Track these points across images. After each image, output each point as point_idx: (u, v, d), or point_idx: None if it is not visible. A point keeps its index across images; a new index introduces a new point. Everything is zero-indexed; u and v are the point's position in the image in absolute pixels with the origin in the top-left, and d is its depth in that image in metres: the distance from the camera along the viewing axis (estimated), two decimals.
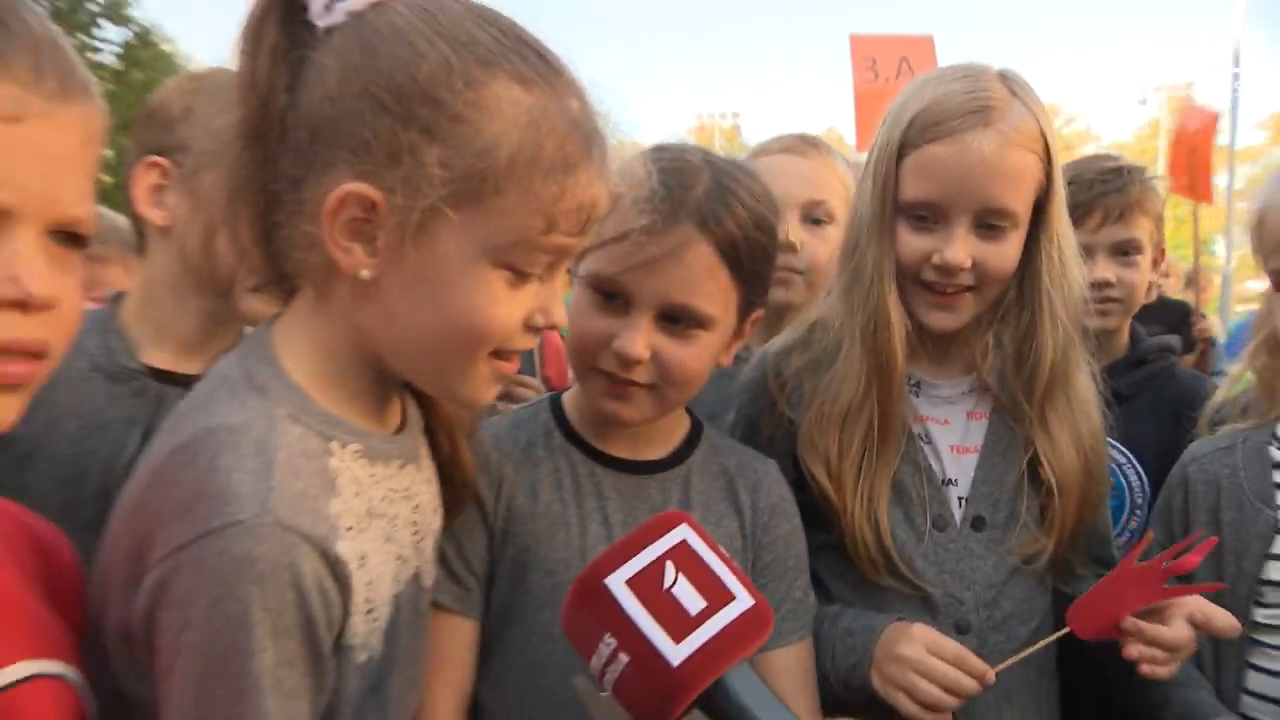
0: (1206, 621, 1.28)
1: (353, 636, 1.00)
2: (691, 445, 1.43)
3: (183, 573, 0.88)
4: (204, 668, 0.88)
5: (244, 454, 0.91)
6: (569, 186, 0.97)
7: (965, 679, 1.28)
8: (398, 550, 1.08)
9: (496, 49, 0.97)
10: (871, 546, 1.44)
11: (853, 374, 1.47)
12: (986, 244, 1.42)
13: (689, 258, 1.25)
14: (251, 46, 1.01)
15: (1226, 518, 1.46)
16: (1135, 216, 2.13)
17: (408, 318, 1.00)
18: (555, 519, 1.32)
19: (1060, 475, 1.47)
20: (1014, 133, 1.39)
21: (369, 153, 0.95)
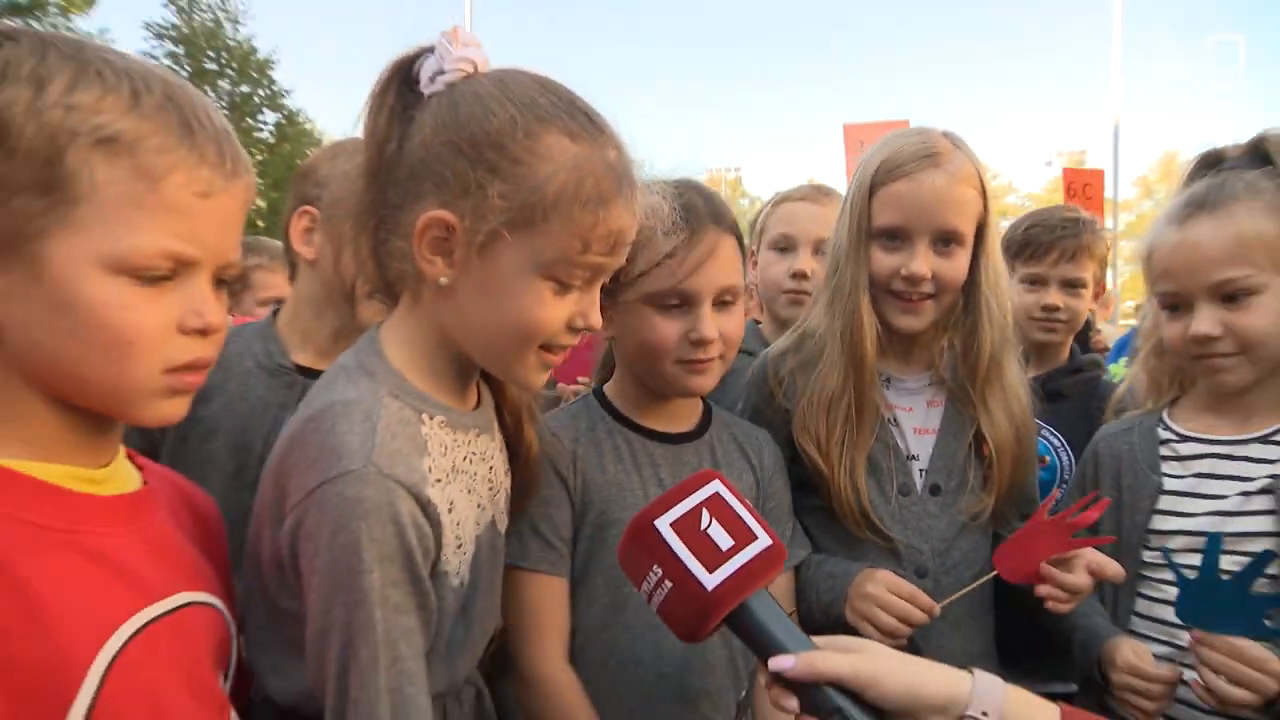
0: (1099, 570, 1.27)
1: (446, 565, 1.00)
2: (708, 420, 1.42)
3: (311, 512, 0.90)
4: (329, 584, 0.89)
5: (355, 421, 0.93)
6: (602, 217, 0.97)
7: (915, 612, 1.29)
8: (477, 500, 1.08)
9: (552, 110, 0.97)
10: (852, 508, 1.43)
11: (835, 369, 1.45)
12: (942, 259, 1.42)
13: (723, 251, 1.28)
14: (375, 107, 1.03)
15: (1125, 482, 1.44)
16: (1083, 259, 2.13)
17: (476, 315, 1.01)
18: (622, 485, 1.31)
19: (997, 442, 1.46)
20: (958, 172, 1.41)
21: (449, 187, 0.96)
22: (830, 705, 0.78)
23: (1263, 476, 1.30)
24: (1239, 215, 1.28)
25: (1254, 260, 1.27)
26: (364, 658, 0.89)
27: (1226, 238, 1.27)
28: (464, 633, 1.09)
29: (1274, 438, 1.33)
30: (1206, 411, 1.42)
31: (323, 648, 0.91)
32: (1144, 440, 1.45)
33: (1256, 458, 1.33)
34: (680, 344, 1.26)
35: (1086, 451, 1.55)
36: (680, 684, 1.25)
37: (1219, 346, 1.30)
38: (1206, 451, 1.38)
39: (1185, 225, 1.32)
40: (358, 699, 0.89)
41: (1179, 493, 1.38)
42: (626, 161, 1.02)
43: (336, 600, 0.89)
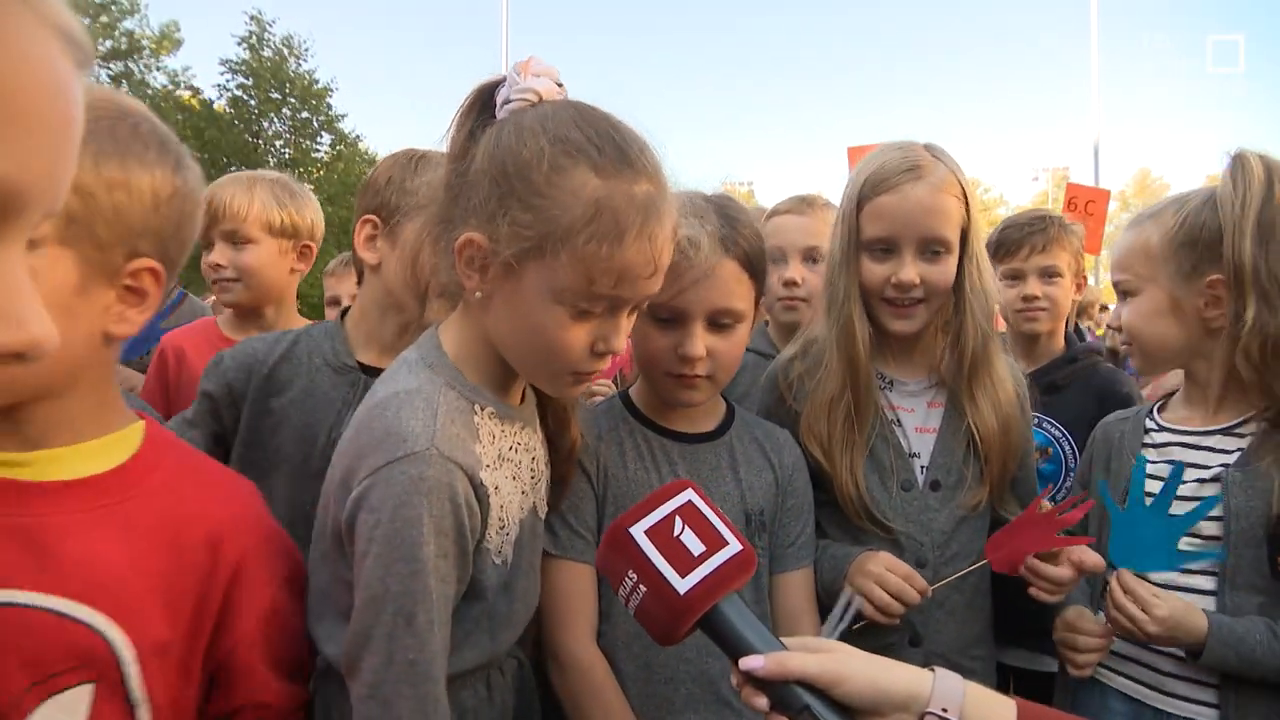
0: (1080, 563, 1.26)
1: (489, 543, 1.00)
2: (729, 421, 1.38)
3: (376, 488, 0.90)
4: (389, 553, 0.89)
5: (417, 408, 0.94)
6: (609, 253, 0.92)
7: (909, 590, 1.26)
8: (520, 486, 1.07)
9: (583, 144, 0.93)
10: (854, 502, 1.40)
11: (834, 373, 1.42)
12: (930, 265, 1.39)
13: (722, 274, 1.22)
14: (458, 127, 1.03)
15: (1112, 466, 1.43)
16: (1054, 249, 2.11)
17: (506, 328, 1.00)
18: (641, 481, 1.28)
19: (984, 434, 1.43)
20: (940, 183, 1.37)
21: (482, 210, 0.95)
22: (799, 703, 0.75)
23: (1216, 465, 1.29)
24: (1146, 227, 1.36)
25: (1134, 269, 1.36)
26: (420, 622, 0.89)
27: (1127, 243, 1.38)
28: (506, 608, 1.08)
29: (1236, 430, 1.31)
30: (1184, 405, 1.41)
31: (375, 613, 0.90)
32: (1133, 429, 1.44)
33: (1216, 448, 1.31)
34: (670, 357, 1.22)
35: (1090, 438, 1.53)
36: (701, 668, 1.23)
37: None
38: (1176, 441, 1.36)
39: None
40: (415, 660, 0.89)
41: (1151, 476, 1.35)
42: (656, 196, 0.96)
43: (394, 569, 0.89)
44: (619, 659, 1.24)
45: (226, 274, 1.82)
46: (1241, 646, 1.17)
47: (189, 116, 19.46)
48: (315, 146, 21.41)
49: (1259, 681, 1.18)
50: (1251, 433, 1.29)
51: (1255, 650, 1.16)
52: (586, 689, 1.19)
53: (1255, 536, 1.22)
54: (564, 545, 1.24)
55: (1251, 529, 1.22)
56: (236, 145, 20.07)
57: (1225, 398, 1.33)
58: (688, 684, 1.23)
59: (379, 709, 0.89)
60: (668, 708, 1.22)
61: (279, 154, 21.36)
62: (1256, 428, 1.29)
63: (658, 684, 1.22)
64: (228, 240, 1.84)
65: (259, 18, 20.64)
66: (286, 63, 21.07)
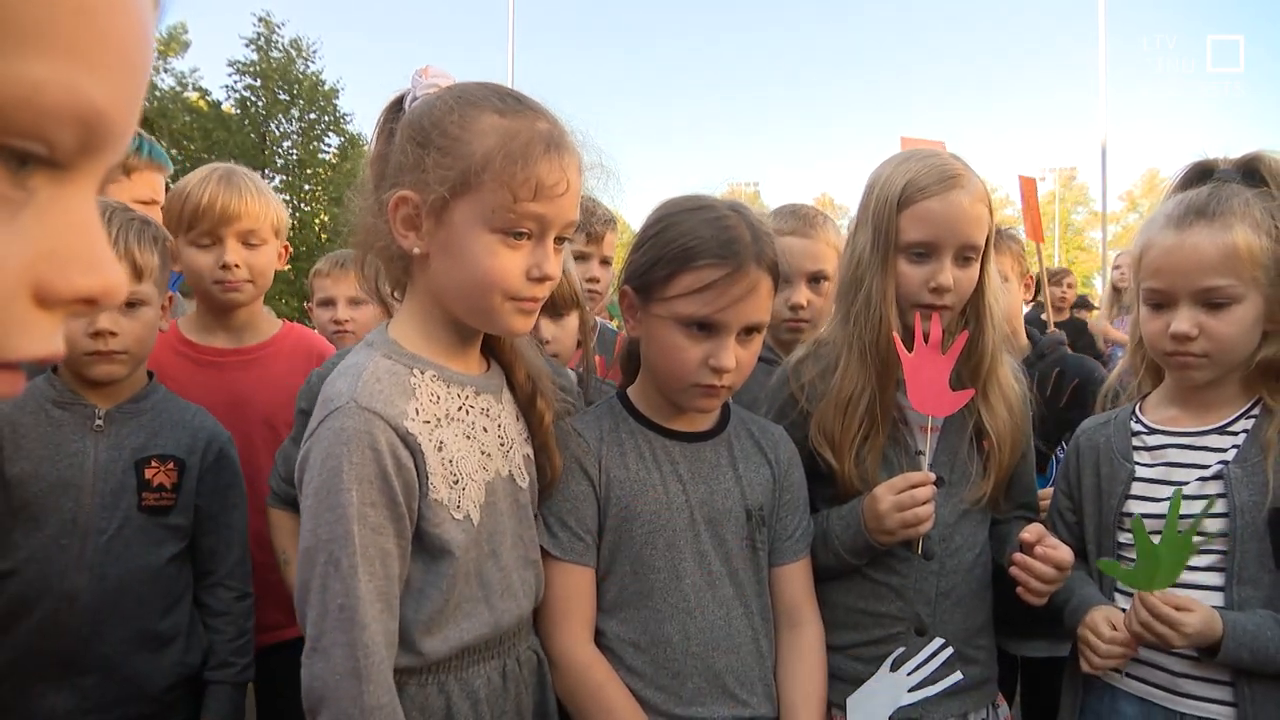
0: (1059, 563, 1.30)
1: (437, 493, 1.03)
2: (726, 418, 1.40)
3: (311, 450, 0.99)
4: (318, 504, 0.96)
5: (346, 374, 1.03)
6: (523, 168, 1.01)
7: (923, 491, 1.31)
8: (480, 447, 1.11)
9: (485, 97, 1.05)
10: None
11: (851, 375, 1.43)
12: (960, 271, 1.40)
13: (761, 289, 1.24)
14: (378, 132, 1.14)
15: (1103, 471, 1.43)
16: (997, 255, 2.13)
17: (446, 276, 1.06)
18: (644, 481, 1.29)
19: (998, 432, 1.45)
20: (976, 192, 1.39)
21: (407, 169, 1.04)
22: None
23: (1216, 463, 1.30)
24: (1234, 228, 1.25)
25: (1239, 272, 1.25)
26: (345, 566, 0.94)
27: (1220, 247, 1.25)
28: (498, 574, 1.11)
29: (1229, 428, 1.32)
30: (1170, 405, 1.41)
31: (310, 565, 0.95)
32: (1119, 432, 1.44)
33: (1213, 447, 1.32)
34: (699, 368, 1.24)
35: (1071, 444, 1.53)
36: (707, 663, 1.25)
37: (1192, 346, 1.29)
38: (1171, 442, 1.37)
39: (1183, 230, 1.28)
40: (344, 605, 0.93)
41: (1149, 479, 1.36)
42: (558, 133, 1.06)
43: (323, 519, 0.95)
44: (626, 655, 1.26)
45: (242, 275, 1.78)
46: (1255, 644, 1.17)
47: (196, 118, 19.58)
48: (322, 148, 21.49)
49: (1272, 675, 1.19)
50: (1245, 429, 1.30)
51: (1269, 646, 1.17)
52: (585, 689, 1.21)
53: (1259, 530, 1.23)
54: (564, 547, 1.26)
55: (1255, 523, 1.24)
56: (244, 146, 20.15)
57: (1218, 396, 1.34)
58: (694, 678, 1.24)
59: (321, 661, 0.93)
60: (675, 701, 1.24)
61: (286, 155, 21.45)
62: (1250, 424, 1.30)
63: (665, 678, 1.24)
64: (243, 240, 1.79)
65: (268, 19, 20.73)
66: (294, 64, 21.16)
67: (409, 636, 1.02)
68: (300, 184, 21.12)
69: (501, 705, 1.11)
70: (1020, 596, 1.34)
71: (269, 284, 1.88)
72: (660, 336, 1.26)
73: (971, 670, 1.42)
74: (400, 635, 1.01)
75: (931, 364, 1.36)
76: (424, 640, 1.03)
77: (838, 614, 1.43)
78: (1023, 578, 1.32)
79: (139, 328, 1.44)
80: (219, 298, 1.78)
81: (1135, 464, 1.38)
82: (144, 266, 1.44)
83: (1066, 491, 1.50)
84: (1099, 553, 1.41)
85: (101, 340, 1.39)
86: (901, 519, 1.31)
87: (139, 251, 1.43)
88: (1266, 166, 1.31)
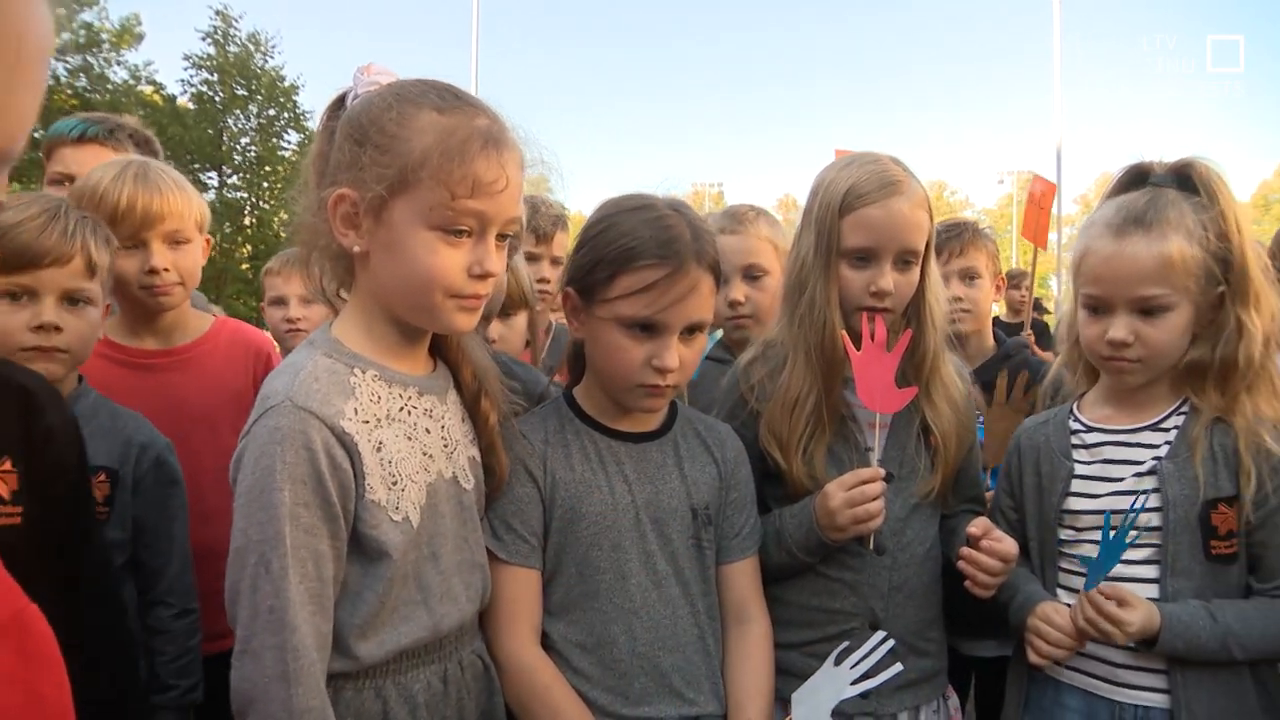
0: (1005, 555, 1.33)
1: (374, 494, 1.02)
2: (673, 417, 1.40)
3: (245, 449, 0.98)
4: (250, 504, 0.95)
5: (285, 374, 1.02)
6: (460, 165, 1.00)
7: (873, 487, 1.33)
8: (422, 448, 1.10)
9: (425, 92, 1.05)
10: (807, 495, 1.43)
11: (798, 376, 1.45)
12: (900, 275, 1.43)
13: (702, 288, 1.25)
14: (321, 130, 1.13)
15: (1043, 469, 1.46)
16: (971, 251, 2.19)
17: (387, 274, 1.06)
18: (589, 482, 1.29)
19: (942, 430, 1.47)
20: (916, 198, 1.42)
21: (345, 168, 1.04)
22: None
23: (1149, 459, 1.34)
24: (1169, 238, 1.28)
25: (1172, 282, 1.29)
26: (275, 568, 0.92)
27: (1156, 257, 1.28)
28: (438, 578, 1.09)
29: (1161, 425, 1.36)
30: (1106, 404, 1.44)
31: (240, 566, 0.94)
32: (1057, 431, 1.47)
33: (1147, 443, 1.36)
34: (642, 368, 1.24)
35: (1011, 444, 1.56)
36: (653, 663, 1.25)
37: (1128, 352, 1.32)
38: (1107, 439, 1.40)
39: (1121, 239, 1.32)
40: (273, 607, 0.92)
41: (1087, 476, 1.40)
42: (497, 130, 1.06)
43: (254, 519, 0.93)
44: (573, 657, 1.25)
45: (171, 278, 1.66)
46: (1189, 634, 1.22)
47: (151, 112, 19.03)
48: (282, 145, 21.07)
49: (1203, 662, 1.24)
50: (1176, 426, 1.35)
51: (1200, 635, 1.22)
52: (531, 692, 1.20)
53: (1190, 523, 1.28)
54: (509, 550, 1.25)
55: (1186, 516, 1.28)
56: (200, 142, 19.67)
57: (1150, 395, 1.38)
58: (641, 678, 1.25)
59: (250, 664, 0.92)
60: (622, 702, 1.24)
61: (244, 152, 20.97)
62: (1181, 420, 1.34)
63: (612, 679, 1.24)
64: (168, 241, 1.66)
65: (225, 13, 20.28)
66: (253, 58, 20.71)
67: (343, 640, 1.01)
68: (259, 181, 20.67)
69: (442, 711, 1.09)
70: (968, 590, 1.36)
71: (198, 283, 1.80)
72: (603, 337, 1.26)
73: (923, 663, 1.45)
74: (335, 639, 1.00)
75: (877, 362, 1.38)
76: (359, 644, 1.02)
77: (792, 612, 1.44)
78: (970, 571, 1.35)
79: (83, 326, 1.39)
80: (148, 303, 1.68)
81: (1074, 461, 1.42)
82: (98, 264, 1.39)
83: (1008, 490, 1.53)
84: (1040, 550, 1.44)
85: (44, 335, 1.32)
86: (853, 515, 1.32)
87: (94, 248, 1.38)
88: (1198, 174, 1.35)
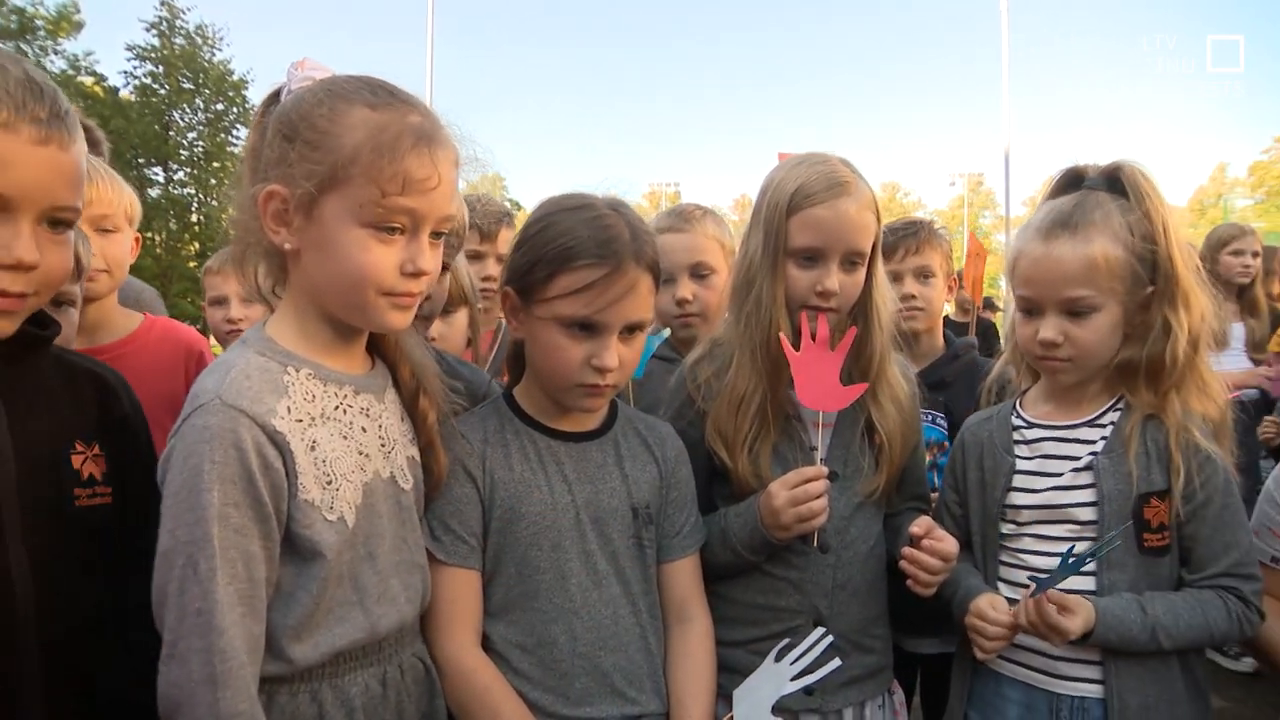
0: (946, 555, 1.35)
1: (307, 494, 1.00)
2: (614, 417, 1.40)
3: (173, 447, 0.96)
4: (178, 504, 0.93)
5: (216, 373, 1.00)
6: (391, 162, 0.99)
7: (816, 485, 1.33)
8: (358, 447, 1.08)
9: (358, 89, 1.03)
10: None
11: (744, 375, 1.45)
12: (846, 276, 1.44)
13: (641, 288, 1.24)
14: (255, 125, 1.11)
15: (986, 464, 1.49)
16: (927, 250, 2.19)
17: (319, 272, 1.04)
18: (529, 482, 1.28)
19: (888, 431, 1.49)
20: (864, 200, 1.43)
21: (276, 164, 1.02)
22: None
23: (1086, 455, 1.37)
24: (1094, 241, 1.32)
25: (1098, 284, 1.32)
26: (203, 569, 0.90)
27: (1080, 260, 1.32)
28: (375, 579, 1.08)
29: (1098, 421, 1.39)
30: (1047, 400, 1.48)
31: (168, 567, 0.92)
32: (1000, 427, 1.50)
33: (1084, 439, 1.39)
34: (582, 368, 1.24)
35: (956, 439, 1.59)
36: (594, 663, 1.25)
37: (1058, 351, 1.36)
38: (1047, 435, 1.43)
39: (1049, 242, 1.35)
40: (200, 609, 0.90)
41: (1027, 471, 1.43)
42: (430, 126, 1.05)
43: (182, 519, 0.91)
44: (513, 658, 1.24)
45: (97, 264, 1.64)
46: (1121, 626, 1.26)
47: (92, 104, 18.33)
48: (231, 140, 20.50)
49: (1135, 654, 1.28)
50: (1112, 422, 1.38)
51: (1132, 628, 1.27)
52: (471, 693, 1.19)
53: (1124, 517, 1.31)
54: (448, 551, 1.24)
55: (1121, 510, 1.32)
56: (145, 136, 19.04)
57: (1086, 392, 1.42)
58: (582, 678, 1.24)
59: (177, 668, 0.90)
60: (563, 702, 1.23)
61: (191, 147, 20.35)
62: (1116, 417, 1.38)
63: (552, 680, 1.23)
64: (95, 227, 1.65)
65: (170, 3, 19.64)
66: (200, 51, 20.10)
67: (277, 642, 0.99)
68: (207, 178, 20.08)
69: (380, 714, 1.08)
70: (910, 588, 1.38)
71: (125, 276, 1.76)
72: (542, 337, 1.25)
73: (868, 659, 1.47)
74: (268, 641, 0.98)
75: (821, 361, 1.39)
76: (293, 646, 1.00)
77: (738, 609, 1.44)
78: (911, 570, 1.37)
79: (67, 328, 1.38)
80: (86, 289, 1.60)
81: (1016, 457, 1.45)
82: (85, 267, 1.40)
83: (953, 485, 1.56)
84: (983, 544, 1.47)
85: None
86: (796, 514, 1.33)
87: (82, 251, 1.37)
88: (1126, 176, 1.39)
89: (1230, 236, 3.96)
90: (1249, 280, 3.88)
